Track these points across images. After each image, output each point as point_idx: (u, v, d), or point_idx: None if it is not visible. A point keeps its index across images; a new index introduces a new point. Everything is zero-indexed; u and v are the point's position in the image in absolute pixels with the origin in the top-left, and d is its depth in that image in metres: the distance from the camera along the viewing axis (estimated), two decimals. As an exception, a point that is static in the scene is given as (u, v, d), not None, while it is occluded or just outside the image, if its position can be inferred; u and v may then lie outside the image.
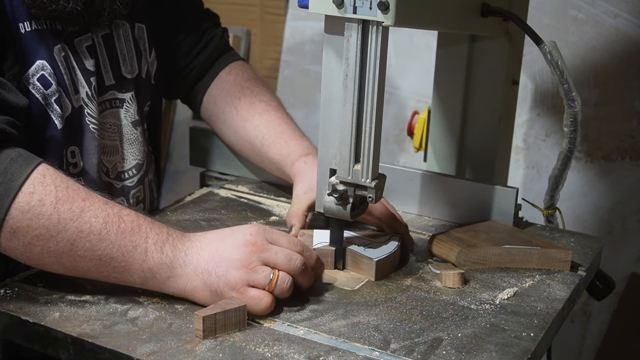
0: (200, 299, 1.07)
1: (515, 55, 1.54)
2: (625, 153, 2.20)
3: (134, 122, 1.38)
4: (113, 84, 1.34)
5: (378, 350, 1.00)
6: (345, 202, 1.15)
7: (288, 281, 1.07)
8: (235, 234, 1.09)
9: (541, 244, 1.25)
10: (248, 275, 1.05)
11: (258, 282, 1.06)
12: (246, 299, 1.05)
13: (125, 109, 1.36)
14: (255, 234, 1.09)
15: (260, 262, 1.07)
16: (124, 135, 1.36)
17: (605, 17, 2.15)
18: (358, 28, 1.06)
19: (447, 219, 1.41)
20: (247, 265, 1.06)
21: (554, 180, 1.41)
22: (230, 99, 1.48)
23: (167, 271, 1.07)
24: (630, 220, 2.23)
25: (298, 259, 1.09)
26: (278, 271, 1.07)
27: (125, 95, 1.36)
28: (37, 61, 1.20)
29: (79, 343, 1.01)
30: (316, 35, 2.56)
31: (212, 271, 1.06)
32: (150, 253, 1.06)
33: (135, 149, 1.38)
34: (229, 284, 1.05)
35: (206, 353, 0.98)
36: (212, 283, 1.06)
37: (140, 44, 1.40)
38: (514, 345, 1.02)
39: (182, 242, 1.09)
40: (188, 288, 1.07)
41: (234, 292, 1.05)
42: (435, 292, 1.16)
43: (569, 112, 1.31)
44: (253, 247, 1.07)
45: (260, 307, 1.05)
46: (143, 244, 1.06)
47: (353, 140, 1.12)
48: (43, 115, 1.21)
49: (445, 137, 1.59)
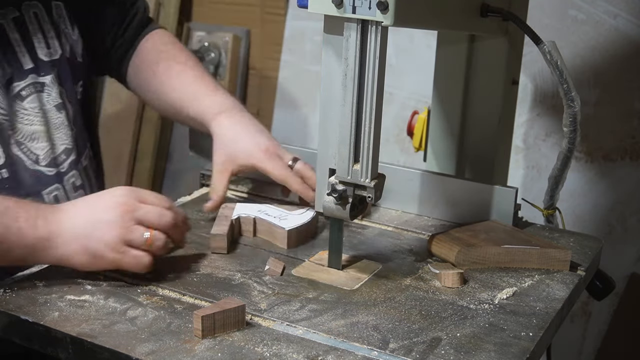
0: (80, 263, 1.10)
1: (515, 55, 1.54)
2: (625, 153, 2.20)
3: (58, 106, 1.36)
4: (32, 67, 1.32)
5: (377, 349, 1.00)
6: (344, 202, 1.15)
7: (162, 238, 1.12)
8: (105, 196, 1.14)
9: (541, 244, 1.25)
10: (125, 235, 1.09)
11: (134, 240, 1.10)
12: (128, 258, 1.10)
13: (47, 93, 1.34)
14: (125, 194, 1.12)
15: (135, 221, 1.10)
16: (49, 119, 1.35)
17: (605, 17, 2.14)
18: (357, 28, 1.06)
19: (447, 218, 1.41)
20: (123, 225, 1.09)
21: (554, 180, 1.41)
22: (149, 65, 1.50)
23: (45, 243, 1.09)
24: (630, 220, 2.23)
25: (168, 215, 1.13)
26: (152, 230, 1.11)
27: (45, 79, 1.34)
28: None
29: (78, 342, 1.01)
30: (316, 35, 2.56)
31: (89, 234, 1.09)
32: (24, 231, 1.08)
33: (62, 133, 1.37)
34: (108, 244, 1.09)
35: (205, 352, 0.98)
36: (91, 246, 1.09)
37: (60, 23, 1.38)
38: (513, 345, 1.02)
39: (53, 214, 1.11)
40: (67, 254, 1.10)
41: (113, 253, 1.09)
42: (435, 291, 1.16)
43: (568, 112, 1.31)
44: (125, 207, 1.10)
45: (141, 265, 1.11)
46: (15, 224, 1.08)
47: (352, 140, 1.12)
48: None
49: (445, 137, 1.59)
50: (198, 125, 1.43)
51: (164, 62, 1.48)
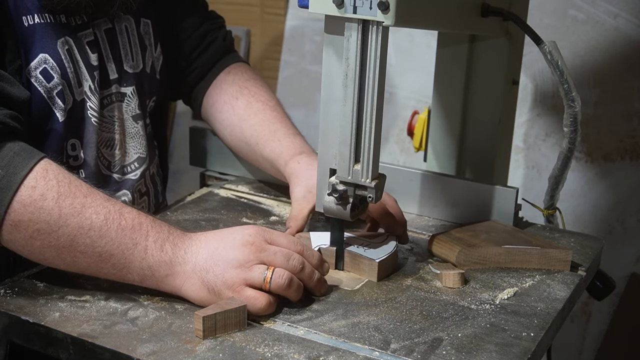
0: (197, 297, 1.07)
1: (515, 55, 1.54)
2: (625, 153, 2.20)
3: (135, 116, 1.38)
4: (116, 77, 1.35)
5: (378, 350, 1.00)
6: (345, 202, 1.15)
7: (284, 275, 1.06)
8: (234, 233, 1.09)
9: (541, 244, 1.25)
10: (244, 274, 1.05)
11: (253, 279, 1.05)
12: (243, 298, 1.05)
13: (127, 103, 1.37)
14: (255, 234, 1.08)
15: (258, 261, 1.06)
16: (126, 129, 1.37)
17: (605, 17, 2.14)
18: (358, 28, 1.06)
19: (447, 219, 1.41)
20: (244, 264, 1.06)
21: (554, 180, 1.41)
22: (228, 99, 1.48)
23: (166, 269, 1.07)
24: (630, 220, 2.23)
25: (296, 259, 1.08)
26: (273, 268, 1.06)
27: (127, 90, 1.37)
28: (40, 54, 1.21)
29: (79, 343, 1.00)
30: (316, 35, 2.56)
31: (210, 270, 1.06)
32: (150, 251, 1.06)
33: (137, 142, 1.39)
34: (226, 282, 1.05)
35: (206, 353, 0.98)
36: (210, 281, 1.06)
37: (145, 39, 1.41)
38: (514, 345, 1.02)
39: (182, 241, 1.09)
40: (185, 286, 1.07)
41: (230, 292, 1.05)
42: (436, 292, 1.16)
43: (569, 112, 1.31)
44: (252, 247, 1.07)
45: (257, 307, 1.05)
46: (143, 241, 1.06)
47: (353, 140, 1.12)
48: (45, 108, 1.22)
49: (445, 137, 1.59)
50: (269, 165, 1.42)
51: (244, 98, 1.47)
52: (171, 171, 2.94)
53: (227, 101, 1.48)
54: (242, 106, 1.46)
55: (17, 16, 1.19)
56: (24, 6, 1.20)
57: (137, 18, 1.39)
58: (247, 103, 1.46)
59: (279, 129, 1.42)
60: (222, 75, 1.52)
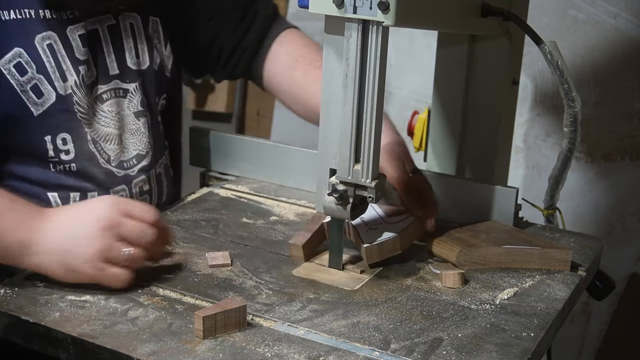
0: (56, 275, 1.11)
1: (515, 55, 1.54)
2: (625, 153, 2.20)
3: (137, 113, 1.39)
4: (117, 73, 1.35)
5: (378, 350, 1.00)
6: (345, 202, 1.15)
7: (140, 255, 1.12)
8: (89, 207, 1.14)
9: (541, 244, 1.25)
10: (104, 252, 1.09)
11: (114, 258, 1.10)
12: (107, 275, 1.10)
13: (129, 99, 1.37)
14: (109, 207, 1.11)
15: (115, 237, 1.10)
16: (126, 125, 1.37)
17: (605, 17, 2.14)
18: (358, 28, 1.06)
19: (447, 219, 1.41)
20: (103, 242, 1.09)
21: (554, 180, 1.41)
22: (285, 71, 1.51)
23: (22, 248, 1.10)
24: (630, 220, 2.23)
25: (150, 233, 1.12)
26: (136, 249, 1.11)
27: (130, 86, 1.37)
28: (15, 49, 1.23)
29: (79, 343, 1.01)
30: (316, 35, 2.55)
31: (69, 250, 1.09)
32: (5, 231, 1.10)
33: (137, 139, 1.39)
34: (87, 261, 1.09)
35: (206, 353, 0.98)
36: (70, 262, 1.09)
37: (153, 37, 1.41)
38: (514, 345, 1.02)
39: (36, 221, 1.12)
40: (44, 264, 1.10)
41: (92, 270, 1.09)
42: (436, 292, 1.16)
43: (569, 112, 1.31)
44: (107, 222, 1.10)
45: (120, 283, 1.11)
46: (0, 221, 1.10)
47: (353, 140, 1.12)
48: (17, 101, 1.25)
49: (445, 137, 1.59)
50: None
51: (301, 66, 1.49)
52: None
53: (285, 73, 1.50)
54: (301, 76, 1.48)
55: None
56: (4, 1, 1.22)
57: (146, 17, 1.40)
58: (305, 72, 1.48)
59: None
60: (275, 46, 1.53)
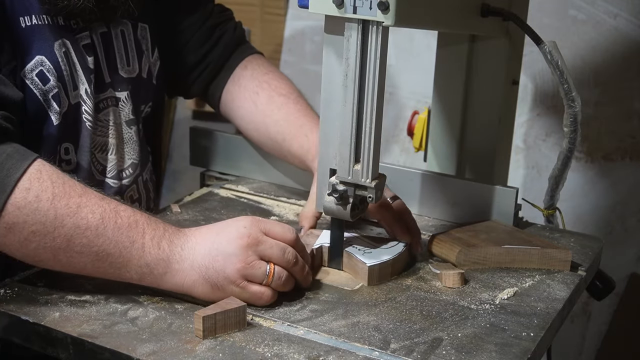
0: (201, 293, 1.08)
1: (515, 55, 1.54)
2: (625, 153, 2.20)
3: (129, 122, 1.37)
4: (110, 82, 1.33)
5: (378, 350, 1.00)
6: (345, 202, 1.15)
7: (284, 276, 1.09)
8: (229, 227, 1.10)
9: (541, 244, 1.25)
10: (246, 271, 1.06)
11: (256, 277, 1.07)
12: (248, 294, 1.07)
13: (120, 108, 1.35)
14: (249, 226, 1.09)
15: (256, 255, 1.07)
16: (120, 134, 1.36)
17: (605, 17, 2.14)
18: (358, 28, 1.06)
19: (447, 219, 1.41)
20: (244, 260, 1.06)
21: (554, 180, 1.41)
22: (248, 95, 1.47)
23: (164, 267, 1.07)
24: (630, 220, 2.23)
25: (291, 252, 1.10)
26: (274, 266, 1.08)
27: (121, 95, 1.35)
28: (37, 56, 1.20)
29: (79, 343, 1.00)
30: (316, 35, 2.56)
31: (210, 266, 1.06)
32: (147, 249, 1.06)
33: (130, 148, 1.38)
34: (228, 278, 1.06)
35: (206, 353, 0.98)
36: (211, 277, 1.06)
37: (142, 44, 1.39)
38: (514, 345, 1.02)
39: (178, 237, 1.09)
40: (187, 283, 1.07)
41: (234, 287, 1.06)
42: (435, 292, 1.16)
43: (569, 112, 1.31)
44: (248, 240, 1.07)
45: (262, 302, 1.08)
46: (140, 239, 1.06)
47: (353, 140, 1.12)
48: (40, 110, 1.21)
49: (445, 137, 1.59)
50: (297, 161, 1.41)
51: (264, 92, 1.45)
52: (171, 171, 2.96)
53: (248, 97, 1.46)
54: (264, 101, 1.45)
55: (14, 17, 1.18)
56: (22, 6, 1.19)
57: (135, 23, 1.37)
58: (269, 97, 1.44)
59: (304, 124, 1.40)
60: (238, 70, 1.50)
